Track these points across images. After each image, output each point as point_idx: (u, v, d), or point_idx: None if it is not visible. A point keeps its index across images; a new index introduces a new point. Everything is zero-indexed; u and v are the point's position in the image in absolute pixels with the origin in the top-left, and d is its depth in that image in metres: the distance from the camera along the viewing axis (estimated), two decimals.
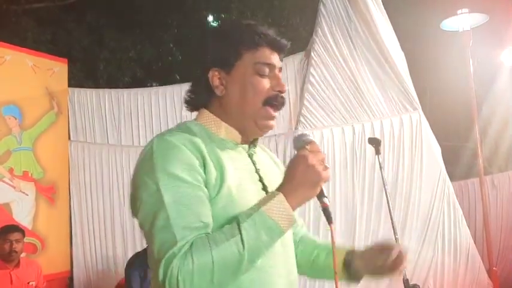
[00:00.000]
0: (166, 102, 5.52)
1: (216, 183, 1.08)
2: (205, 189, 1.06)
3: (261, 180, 1.20)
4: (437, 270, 4.47)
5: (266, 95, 1.19)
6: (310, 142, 1.11)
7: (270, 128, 1.22)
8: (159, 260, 0.96)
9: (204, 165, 1.08)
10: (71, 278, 5.27)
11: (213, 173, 1.08)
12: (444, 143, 5.13)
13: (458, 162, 7.28)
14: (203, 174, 1.07)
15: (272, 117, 1.21)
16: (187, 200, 1.01)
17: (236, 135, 1.22)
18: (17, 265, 3.71)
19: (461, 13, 4.64)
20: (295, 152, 1.12)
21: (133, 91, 5.72)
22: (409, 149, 4.59)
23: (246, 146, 1.24)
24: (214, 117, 1.22)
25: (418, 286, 2.36)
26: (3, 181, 4.71)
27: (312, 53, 4.58)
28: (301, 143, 1.12)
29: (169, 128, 1.21)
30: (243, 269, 0.99)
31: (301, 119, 4.38)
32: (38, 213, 4.97)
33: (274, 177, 1.24)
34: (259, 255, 1.01)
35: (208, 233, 1.01)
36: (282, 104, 1.21)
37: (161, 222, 0.99)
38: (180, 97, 5.48)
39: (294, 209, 1.04)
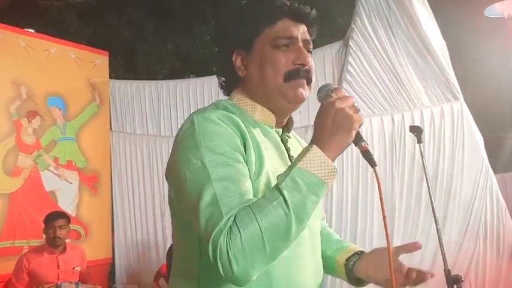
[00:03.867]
0: (204, 93, 5.59)
1: (256, 167, 1.04)
2: (247, 168, 1.03)
3: None
4: (479, 263, 4.36)
5: (285, 69, 1.12)
6: (335, 89, 1.03)
7: (301, 97, 1.13)
8: (206, 238, 0.93)
9: (245, 146, 1.05)
10: (113, 265, 5.43)
11: (253, 155, 1.05)
12: (487, 133, 4.97)
13: (501, 153, 7.06)
14: (244, 153, 1.04)
15: (301, 86, 1.13)
16: (233, 175, 0.98)
17: (271, 118, 1.17)
18: (64, 251, 3.84)
19: None
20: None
21: (172, 83, 5.81)
22: (450, 140, 4.48)
23: (280, 130, 1.20)
24: (247, 98, 1.17)
25: (460, 277, 2.30)
26: (49, 170, 4.89)
27: (351, 42, 4.52)
28: (325, 92, 1.05)
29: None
30: (293, 231, 0.93)
31: None
32: (81, 201, 5.14)
33: None
34: (307, 214, 0.95)
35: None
36: (307, 77, 1.13)
37: (207, 198, 0.95)
38: (217, 88, 5.57)
39: (332, 159, 0.97)
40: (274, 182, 1.02)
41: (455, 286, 2.40)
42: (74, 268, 3.87)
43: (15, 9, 7.02)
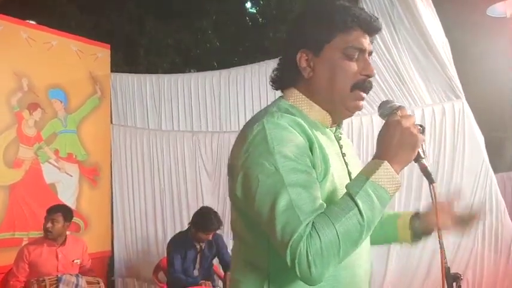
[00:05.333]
0: (205, 88, 5.58)
1: (322, 168, 1.10)
2: (315, 172, 1.08)
3: (346, 164, 1.22)
4: (477, 262, 4.38)
5: (354, 79, 1.17)
6: (399, 107, 1.11)
7: (359, 108, 1.21)
8: (284, 244, 0.98)
9: (311, 149, 1.10)
10: (112, 258, 5.44)
11: (318, 158, 1.10)
12: (488, 133, 4.98)
13: (502, 153, 7.07)
14: (312, 157, 1.09)
15: (362, 99, 1.20)
16: (305, 182, 1.03)
17: (327, 118, 1.22)
18: (63, 243, 3.85)
19: None
20: (384, 119, 1.13)
21: (173, 77, 5.80)
22: (450, 139, 4.48)
23: (333, 129, 1.25)
24: (305, 97, 1.21)
25: (460, 275, 2.31)
26: (49, 162, 4.90)
27: None
28: (388, 109, 1.13)
29: (266, 107, 1.22)
30: (363, 237, 1.02)
31: None
32: (81, 194, 5.15)
33: (354, 160, 1.27)
34: (375, 222, 1.04)
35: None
36: (370, 88, 1.20)
37: (283, 203, 1.00)
38: (218, 83, 5.59)
39: (397, 174, 1.06)
40: (338, 182, 1.12)
41: (454, 284, 2.40)
42: (73, 261, 3.88)
43: (17, 1, 7.00)
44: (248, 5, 10.77)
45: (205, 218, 4.01)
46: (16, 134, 4.62)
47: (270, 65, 5.68)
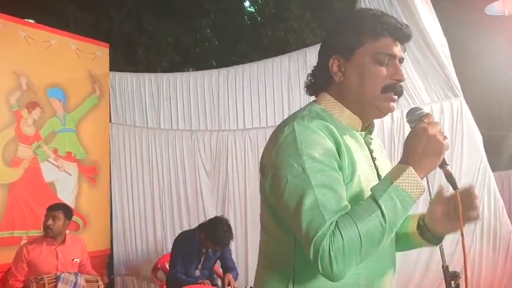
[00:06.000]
0: (204, 87, 5.59)
1: (349, 171, 1.14)
2: (341, 174, 1.13)
3: (376, 168, 1.25)
4: (475, 260, 4.39)
5: (384, 83, 1.21)
6: (427, 114, 1.15)
7: (391, 110, 1.24)
8: (308, 240, 1.04)
9: (339, 152, 1.14)
10: (111, 256, 5.45)
11: (345, 161, 1.14)
12: (486, 131, 4.99)
13: (500, 152, 7.08)
14: (339, 160, 1.13)
15: (393, 100, 1.23)
16: (331, 183, 1.08)
17: (357, 122, 1.26)
18: (63, 242, 3.85)
19: None
20: (411, 126, 1.16)
21: (172, 75, 5.80)
22: (449, 137, 4.40)
23: (363, 133, 1.29)
24: (336, 101, 1.26)
25: (458, 273, 2.32)
26: (48, 161, 4.90)
27: None
28: (416, 116, 1.16)
29: (298, 110, 1.26)
30: (384, 239, 1.06)
31: None
32: (80, 192, 5.16)
33: (385, 163, 1.31)
34: (397, 225, 1.08)
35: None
36: (401, 92, 1.23)
37: (309, 202, 1.06)
38: (217, 82, 5.58)
39: (421, 179, 1.09)
40: (364, 184, 1.16)
41: (452, 282, 2.41)
42: (73, 260, 3.88)
43: (16, 0, 6.99)
44: (247, 4, 10.76)
45: (218, 231, 3.93)
46: (15, 132, 4.62)
47: (268, 64, 5.69)
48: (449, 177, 1.14)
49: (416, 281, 4.39)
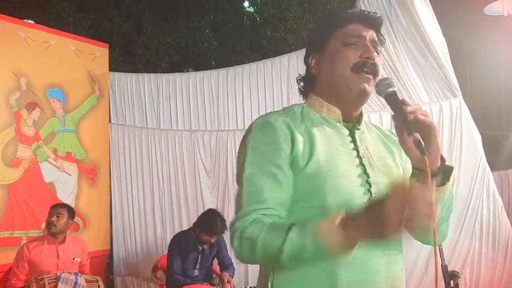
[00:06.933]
0: (203, 87, 5.60)
1: (304, 156, 1.16)
2: (286, 166, 1.16)
3: (359, 156, 1.21)
4: (474, 259, 4.41)
5: (353, 62, 1.20)
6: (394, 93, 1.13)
7: (366, 93, 1.21)
8: (232, 221, 1.16)
9: (293, 140, 1.17)
10: (111, 256, 5.45)
11: (301, 147, 1.17)
12: (485, 131, 5.00)
13: (499, 151, 7.09)
14: (289, 149, 1.17)
15: (365, 80, 1.20)
16: (262, 177, 1.15)
17: (337, 113, 1.27)
18: (63, 241, 3.86)
19: None
20: (381, 95, 1.14)
21: (171, 76, 5.81)
22: (448, 137, 4.51)
23: (350, 124, 1.28)
24: (317, 97, 1.29)
25: (457, 272, 2.33)
26: (48, 161, 4.90)
27: None
28: (384, 86, 1.14)
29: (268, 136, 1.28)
30: (281, 264, 1.08)
31: None
32: (80, 193, 5.15)
33: (380, 152, 1.26)
34: (300, 263, 1.08)
35: (275, 214, 1.13)
36: (375, 71, 1.20)
37: (240, 188, 1.17)
38: (216, 82, 5.59)
39: (352, 240, 1.01)
40: (325, 169, 1.15)
41: (451, 282, 2.43)
42: (73, 259, 3.89)
43: (16, 1, 6.99)
44: (246, 4, 10.77)
45: (211, 221, 3.99)
46: (15, 133, 4.63)
47: (267, 64, 5.71)
48: (418, 144, 1.06)
49: (416, 280, 4.40)
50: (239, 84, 5.48)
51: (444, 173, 1.15)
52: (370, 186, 1.17)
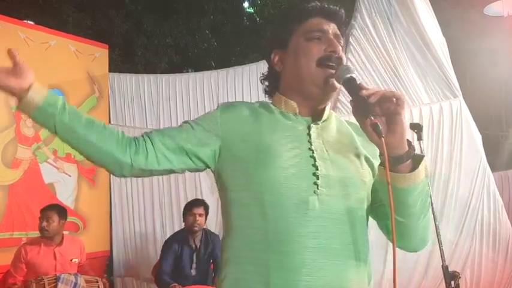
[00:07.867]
0: (203, 88, 5.59)
1: (246, 145, 1.19)
2: (201, 135, 1.22)
3: (311, 149, 1.19)
4: (475, 260, 4.40)
5: (318, 56, 1.19)
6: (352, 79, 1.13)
7: (332, 87, 1.19)
8: None
9: (232, 128, 1.23)
10: (111, 257, 5.44)
11: (242, 137, 1.21)
12: (486, 131, 4.99)
13: (500, 152, 7.09)
14: (208, 128, 1.22)
15: (330, 75, 1.18)
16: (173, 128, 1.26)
17: (293, 107, 1.26)
18: (61, 243, 3.85)
19: None
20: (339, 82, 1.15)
21: (171, 76, 5.81)
22: (448, 137, 4.50)
23: (309, 118, 1.25)
24: (279, 94, 1.30)
25: (458, 273, 2.33)
26: (48, 162, 4.89)
27: (350, 39, 4.53)
28: (343, 72, 1.14)
29: (207, 112, 1.34)
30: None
31: (338, 105, 4.35)
32: (79, 193, 5.15)
33: (341, 147, 1.22)
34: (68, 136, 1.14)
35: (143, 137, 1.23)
36: (338, 63, 1.18)
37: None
38: (216, 83, 5.58)
39: None
40: (262, 157, 1.16)
41: (452, 282, 2.42)
42: (71, 260, 3.88)
43: (15, 1, 6.99)
44: (246, 4, 10.77)
45: (189, 201, 4.27)
46: (15, 134, 4.62)
47: (267, 65, 5.70)
48: (375, 126, 1.04)
49: (416, 281, 4.40)
50: (239, 84, 5.48)
51: (414, 160, 1.10)
52: (318, 179, 1.14)
